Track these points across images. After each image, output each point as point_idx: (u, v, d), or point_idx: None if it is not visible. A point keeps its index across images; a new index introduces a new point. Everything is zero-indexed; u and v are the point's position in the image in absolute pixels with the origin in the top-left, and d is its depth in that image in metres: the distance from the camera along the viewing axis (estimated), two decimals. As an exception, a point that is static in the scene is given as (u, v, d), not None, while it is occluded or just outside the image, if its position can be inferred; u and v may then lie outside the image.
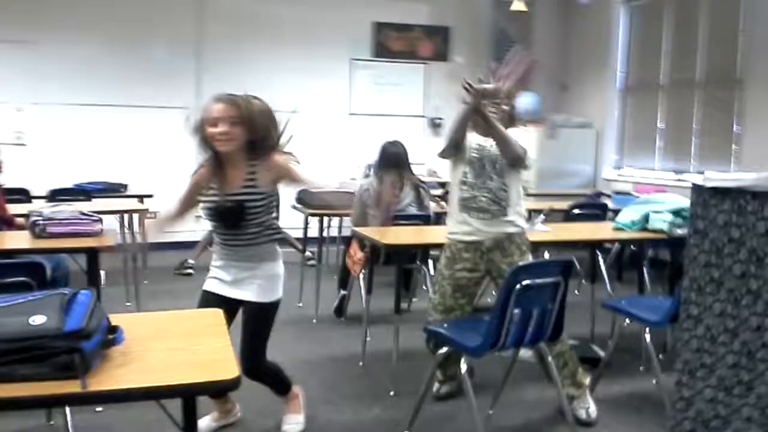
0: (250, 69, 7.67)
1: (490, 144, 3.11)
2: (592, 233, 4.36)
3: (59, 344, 1.52)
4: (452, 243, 3.24)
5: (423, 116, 8.56)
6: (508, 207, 3.13)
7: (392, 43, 8.42)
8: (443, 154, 3.21)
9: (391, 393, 3.52)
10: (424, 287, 5.07)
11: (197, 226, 4.85)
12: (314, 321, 4.88)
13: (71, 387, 1.48)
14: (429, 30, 8.46)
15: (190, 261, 6.23)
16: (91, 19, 7.07)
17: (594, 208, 5.57)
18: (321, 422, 3.20)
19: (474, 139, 3.17)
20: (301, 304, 5.20)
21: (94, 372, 1.55)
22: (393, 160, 4.77)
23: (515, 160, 3.07)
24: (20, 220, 4.14)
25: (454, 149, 3.16)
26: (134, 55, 7.20)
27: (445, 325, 3.00)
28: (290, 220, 6.06)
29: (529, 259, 3.22)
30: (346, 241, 7.49)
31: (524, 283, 2.60)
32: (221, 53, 7.57)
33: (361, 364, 4.00)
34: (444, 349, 2.89)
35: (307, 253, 5.92)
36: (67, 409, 2.69)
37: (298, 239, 6.22)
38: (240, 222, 2.70)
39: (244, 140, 2.68)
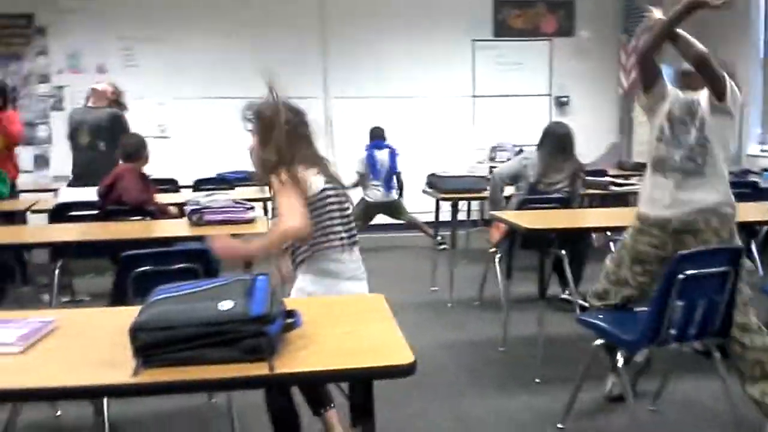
0: (374, 57, 7.77)
1: (692, 98, 2.86)
2: (747, 214, 4.05)
3: (247, 328, 1.57)
4: (641, 215, 2.97)
5: (549, 95, 8.32)
6: (705, 166, 2.78)
7: (513, 20, 8.22)
8: (646, 85, 2.89)
9: (537, 380, 3.45)
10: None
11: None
12: (449, 305, 4.87)
13: (259, 369, 1.53)
14: (552, 5, 8.20)
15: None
16: (224, 16, 7.40)
17: (743, 187, 5.19)
18: (466, 407, 3.20)
19: (673, 92, 2.91)
20: (435, 288, 5.22)
21: (278, 355, 1.60)
22: (561, 143, 4.51)
23: (715, 83, 2.74)
24: (172, 208, 4.40)
25: (652, 80, 2.85)
26: (265, 48, 7.44)
27: (600, 315, 2.88)
28: (421, 204, 6.11)
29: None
30: (476, 224, 7.51)
31: (688, 273, 2.43)
32: (345, 43, 7.70)
33: (501, 349, 3.95)
34: (599, 342, 2.77)
35: (438, 238, 5.91)
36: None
37: (428, 223, 6.24)
38: None
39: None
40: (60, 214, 4.29)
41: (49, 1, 7.12)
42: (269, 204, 5.50)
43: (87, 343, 1.74)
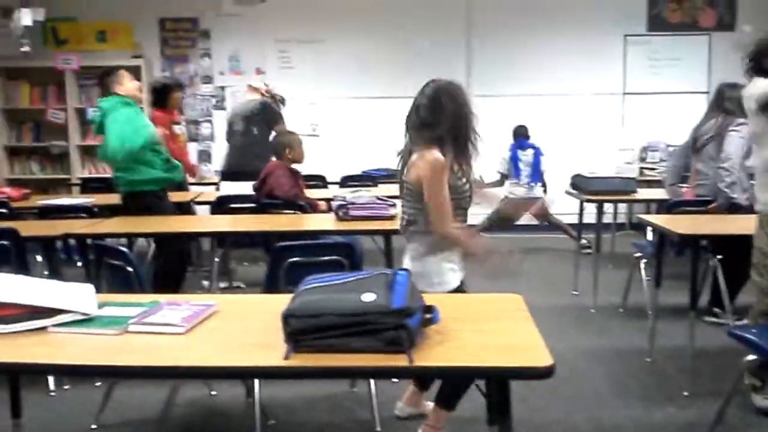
0: (519, 53, 7.67)
1: None
2: None
3: (388, 320, 1.63)
4: (764, 215, 2.84)
5: (706, 92, 7.78)
6: None
7: (669, 14, 7.78)
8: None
9: (685, 393, 3.27)
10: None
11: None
12: (591, 311, 4.72)
13: (398, 361, 1.58)
14: (711, -3, 7.69)
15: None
16: (370, 17, 7.62)
17: None
18: (606, 416, 3.09)
19: None
20: (576, 292, 5.08)
21: (417, 348, 1.65)
22: None
23: None
24: (322, 203, 4.61)
25: None
26: (409, 49, 7.59)
27: (754, 330, 2.69)
28: (564, 206, 5.96)
29: None
30: (622, 227, 7.20)
31: None
32: (490, 39, 7.66)
33: (648, 359, 3.78)
34: (750, 357, 2.59)
35: (583, 241, 5.74)
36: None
37: (572, 225, 6.08)
38: None
39: None
40: (221, 206, 4.63)
41: (213, 5, 7.67)
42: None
43: (243, 327, 1.88)
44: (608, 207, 6.52)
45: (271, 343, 1.67)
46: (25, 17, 6.99)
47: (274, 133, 5.51)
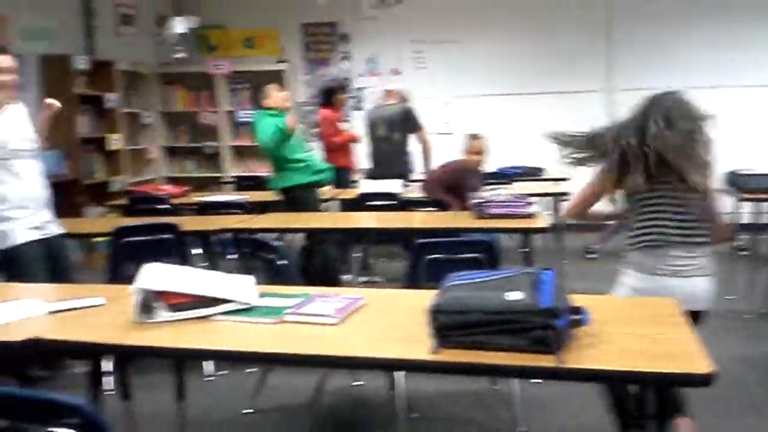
0: (662, 46, 7.27)
1: None
2: None
3: (535, 320, 1.62)
4: None
5: None
6: None
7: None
8: None
9: None
10: None
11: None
12: (748, 316, 4.40)
13: (545, 361, 1.57)
14: None
15: (595, 246, 6.20)
16: (506, 14, 7.51)
17: None
18: (766, 427, 2.89)
19: None
20: (732, 297, 4.76)
21: (565, 349, 1.63)
22: None
23: None
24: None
25: None
26: (545, 45, 7.41)
27: None
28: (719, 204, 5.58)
29: None
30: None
31: None
32: (632, 33, 7.32)
33: (813, 370, 3.49)
34: None
35: (739, 242, 5.36)
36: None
37: (727, 225, 5.69)
38: None
39: None
40: (361, 203, 4.79)
41: (352, 10, 7.88)
42: (550, 199, 5.54)
43: (390, 321, 1.94)
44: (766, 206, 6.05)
45: (418, 337, 1.71)
46: (179, 25, 7.56)
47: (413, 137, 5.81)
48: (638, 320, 1.89)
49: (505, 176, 6.10)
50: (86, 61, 6.36)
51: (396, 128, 5.82)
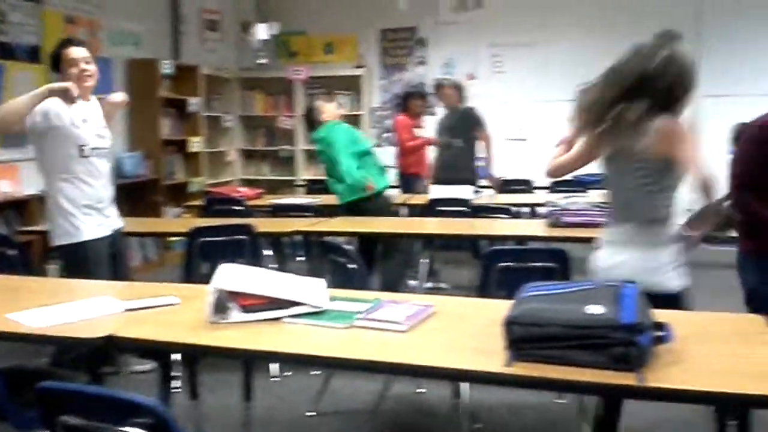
0: (753, 48, 6.93)
1: None
2: None
3: (616, 336, 1.54)
4: None
5: None
6: None
7: None
8: None
9: None
10: None
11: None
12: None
13: (626, 379, 1.50)
14: None
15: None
16: (585, 18, 7.31)
17: None
18: None
19: None
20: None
21: (648, 367, 1.54)
22: None
23: None
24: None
25: None
26: (625, 47, 7.17)
27: None
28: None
29: None
30: None
31: None
32: (722, 34, 7.00)
33: None
34: None
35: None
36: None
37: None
38: None
39: None
40: (431, 208, 4.75)
41: (430, 14, 7.86)
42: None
43: (461, 330, 1.89)
44: None
45: (491, 348, 1.66)
46: (262, 31, 7.72)
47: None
48: (723, 337, 1.79)
49: (581, 184, 5.92)
50: (172, 66, 6.57)
51: (456, 134, 5.77)
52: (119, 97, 3.46)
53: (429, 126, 6.53)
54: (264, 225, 4.04)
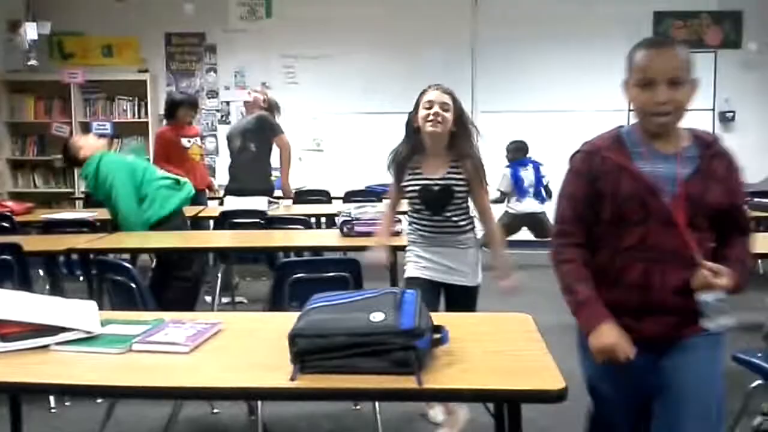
0: (524, 69, 7.67)
1: None
2: None
3: (396, 341, 1.59)
4: None
5: (712, 110, 7.78)
6: None
7: (675, 32, 7.79)
8: None
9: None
10: None
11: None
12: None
13: (406, 383, 1.55)
14: (717, 15, 7.68)
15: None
16: (375, 32, 7.62)
17: None
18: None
19: None
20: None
21: (426, 370, 1.61)
22: None
23: None
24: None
25: None
26: (413, 65, 7.57)
27: (759, 354, 2.65)
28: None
29: None
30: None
31: None
32: (495, 56, 7.67)
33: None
34: (758, 383, 2.56)
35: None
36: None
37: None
38: (446, 207, 2.89)
39: (449, 129, 2.88)
40: (224, 221, 4.61)
41: (219, 21, 7.69)
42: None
43: (248, 346, 1.85)
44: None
45: (277, 363, 1.63)
46: (31, 31, 7.03)
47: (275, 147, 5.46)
48: (495, 336, 1.92)
49: (373, 194, 6.13)
50: None
51: (250, 139, 5.36)
52: None
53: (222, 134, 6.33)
54: (34, 243, 3.67)
